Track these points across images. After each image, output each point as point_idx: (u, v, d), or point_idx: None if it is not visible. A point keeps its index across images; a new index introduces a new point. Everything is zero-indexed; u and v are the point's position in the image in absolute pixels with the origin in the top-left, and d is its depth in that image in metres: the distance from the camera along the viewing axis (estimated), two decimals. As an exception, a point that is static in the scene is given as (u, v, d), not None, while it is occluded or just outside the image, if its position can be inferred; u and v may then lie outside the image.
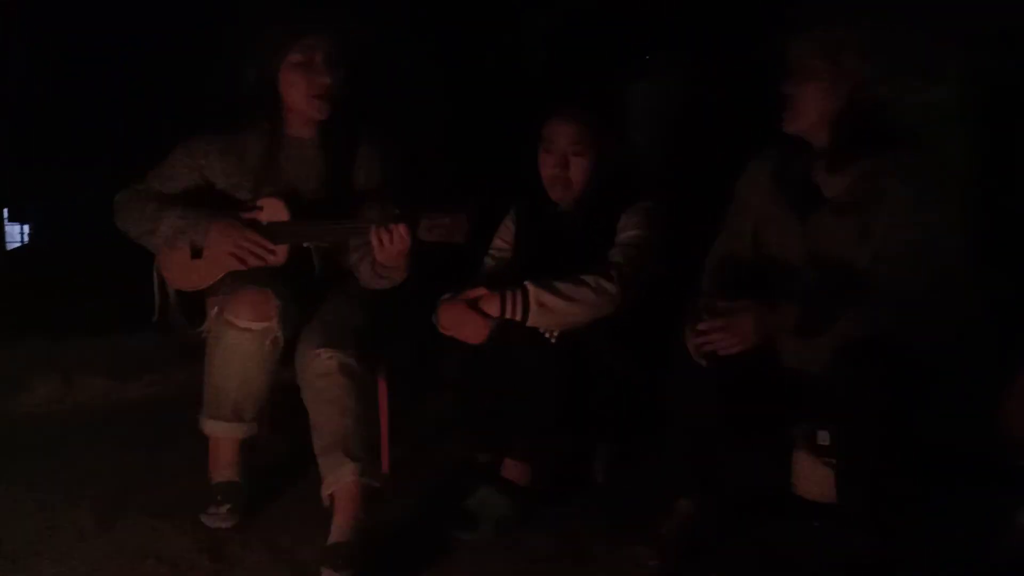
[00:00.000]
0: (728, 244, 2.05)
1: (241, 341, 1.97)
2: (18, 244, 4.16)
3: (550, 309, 2.00)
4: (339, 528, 1.88)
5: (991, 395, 1.68)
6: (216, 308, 2.00)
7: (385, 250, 1.92)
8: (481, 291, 2.08)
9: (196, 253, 2.08)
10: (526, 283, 2.03)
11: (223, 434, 2.06)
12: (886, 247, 1.80)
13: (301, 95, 2.06)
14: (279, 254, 2.04)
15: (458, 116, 2.61)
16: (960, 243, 1.83)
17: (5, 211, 3.87)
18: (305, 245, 2.08)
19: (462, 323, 2.07)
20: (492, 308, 2.04)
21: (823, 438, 1.89)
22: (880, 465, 1.72)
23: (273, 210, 2.06)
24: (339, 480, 1.90)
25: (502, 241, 2.29)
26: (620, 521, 2.04)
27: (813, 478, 1.94)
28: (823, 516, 1.89)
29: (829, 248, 1.87)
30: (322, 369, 1.93)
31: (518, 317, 2.02)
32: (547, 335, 2.02)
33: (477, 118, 2.59)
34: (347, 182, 2.14)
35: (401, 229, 1.90)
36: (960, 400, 1.77)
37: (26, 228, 4.24)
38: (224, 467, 2.08)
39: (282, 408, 2.16)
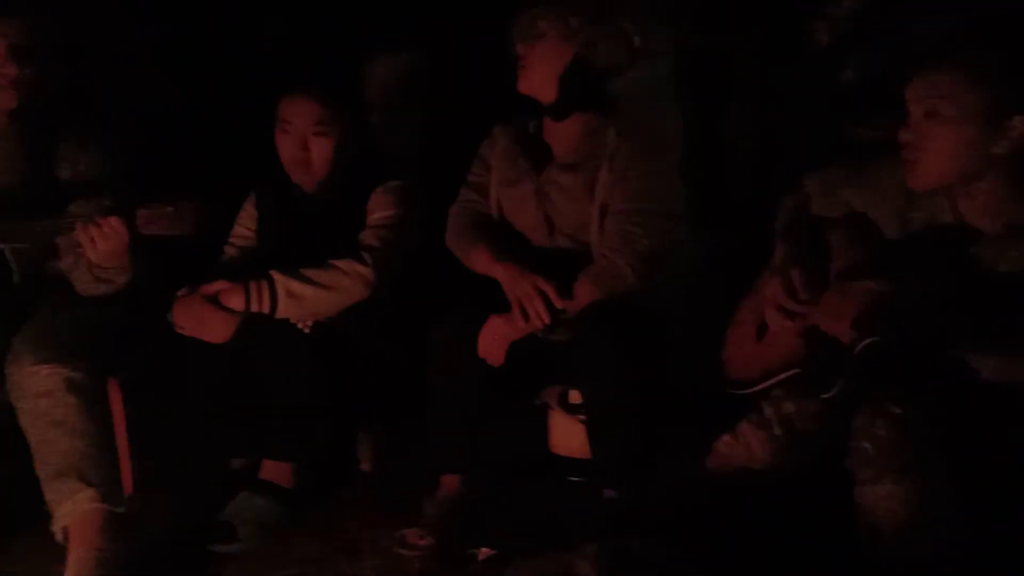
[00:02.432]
0: (469, 199, 2.07)
1: None
2: None
3: (300, 298, 1.92)
4: (77, 563, 1.71)
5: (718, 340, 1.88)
6: None
7: (98, 248, 1.76)
8: (222, 284, 1.95)
9: None
10: (272, 272, 1.93)
11: None
12: (611, 200, 1.91)
13: None
14: None
15: (190, 98, 2.44)
16: (680, 193, 2.00)
17: None
18: None
19: (202, 321, 1.94)
20: (236, 302, 1.93)
21: (574, 397, 2.00)
22: (621, 417, 1.83)
23: None
24: (74, 509, 1.72)
25: (244, 228, 2.15)
26: (390, 508, 2.01)
27: (569, 436, 2.03)
28: (580, 471, 1.98)
29: (561, 207, 1.96)
30: (44, 387, 1.72)
31: (266, 309, 1.92)
32: (300, 326, 1.94)
33: (210, 99, 2.43)
34: (50, 176, 1.92)
35: (113, 222, 1.74)
36: (701, 348, 1.94)
37: None
38: None
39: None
